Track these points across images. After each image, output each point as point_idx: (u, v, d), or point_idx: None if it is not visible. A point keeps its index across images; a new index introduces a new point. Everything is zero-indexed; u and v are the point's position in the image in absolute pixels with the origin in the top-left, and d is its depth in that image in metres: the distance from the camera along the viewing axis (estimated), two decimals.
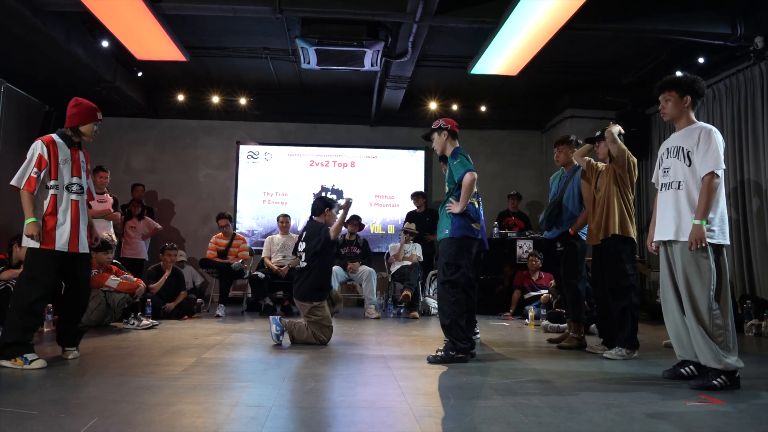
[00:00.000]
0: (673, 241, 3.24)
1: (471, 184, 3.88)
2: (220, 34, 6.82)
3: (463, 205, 3.90)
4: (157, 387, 2.93)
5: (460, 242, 3.92)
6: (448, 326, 3.87)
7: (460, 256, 3.91)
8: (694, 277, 3.13)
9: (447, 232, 3.95)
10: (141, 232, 7.58)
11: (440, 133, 4.17)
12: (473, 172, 3.92)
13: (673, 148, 3.32)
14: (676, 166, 3.27)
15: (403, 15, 5.56)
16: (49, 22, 5.77)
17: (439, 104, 8.84)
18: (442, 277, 3.94)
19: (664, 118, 3.43)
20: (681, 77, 3.40)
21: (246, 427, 2.28)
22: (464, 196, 3.89)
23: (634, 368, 3.70)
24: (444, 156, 4.77)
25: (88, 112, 3.94)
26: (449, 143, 4.16)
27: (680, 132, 3.34)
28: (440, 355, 3.81)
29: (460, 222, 3.93)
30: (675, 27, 5.92)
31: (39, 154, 3.67)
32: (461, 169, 3.94)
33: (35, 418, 2.32)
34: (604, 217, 4.14)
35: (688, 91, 3.30)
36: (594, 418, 2.46)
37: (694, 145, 3.19)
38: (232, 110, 8.91)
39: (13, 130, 8.01)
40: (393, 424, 2.38)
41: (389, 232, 8.94)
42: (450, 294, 3.89)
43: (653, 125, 8.11)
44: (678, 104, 3.32)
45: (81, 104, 3.93)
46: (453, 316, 3.86)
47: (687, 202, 3.19)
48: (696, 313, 3.11)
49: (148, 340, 4.64)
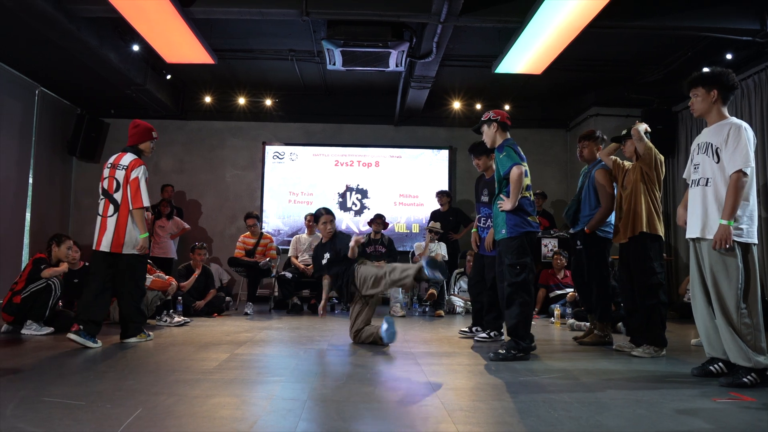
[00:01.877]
0: (700, 238, 3.23)
1: (519, 177, 3.84)
2: (247, 37, 6.95)
3: (514, 201, 3.86)
4: (194, 380, 3.03)
5: (520, 239, 3.89)
6: (514, 326, 3.84)
7: (523, 254, 3.89)
8: (721, 276, 3.12)
9: (504, 231, 3.93)
10: (170, 232, 7.75)
11: (489, 125, 4.14)
12: (521, 164, 3.88)
13: (703, 144, 3.30)
14: (705, 162, 3.25)
15: (428, 15, 5.60)
16: (83, 28, 5.93)
17: (463, 104, 8.87)
18: (509, 279, 3.89)
19: (694, 114, 3.42)
20: (707, 72, 3.36)
21: (284, 419, 2.36)
22: (514, 191, 3.86)
23: (663, 366, 3.70)
24: (478, 148, 4.79)
25: (145, 132, 4.55)
26: (499, 135, 4.12)
27: (711, 127, 3.32)
28: (502, 353, 3.79)
29: (516, 219, 3.90)
30: (701, 23, 5.87)
31: (146, 177, 4.37)
32: (507, 163, 3.91)
33: (84, 408, 2.43)
34: (632, 215, 4.13)
35: (714, 85, 3.27)
36: (623, 413, 2.49)
37: (723, 141, 3.16)
38: (258, 111, 9.05)
39: (47, 132, 8.25)
40: (426, 417, 2.44)
41: (414, 231, 8.99)
42: (518, 296, 3.85)
43: (680, 122, 8.04)
44: (705, 99, 3.30)
45: (139, 125, 4.55)
46: (520, 317, 3.84)
47: (714, 199, 3.17)
48: (724, 312, 3.10)
49: (181, 337, 4.77)
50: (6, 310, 4.83)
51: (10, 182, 7.42)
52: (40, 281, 4.81)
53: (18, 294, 4.79)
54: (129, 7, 5.46)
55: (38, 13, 5.42)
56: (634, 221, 4.11)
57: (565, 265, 7.05)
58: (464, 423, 2.33)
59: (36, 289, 4.78)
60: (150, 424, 2.24)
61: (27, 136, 7.80)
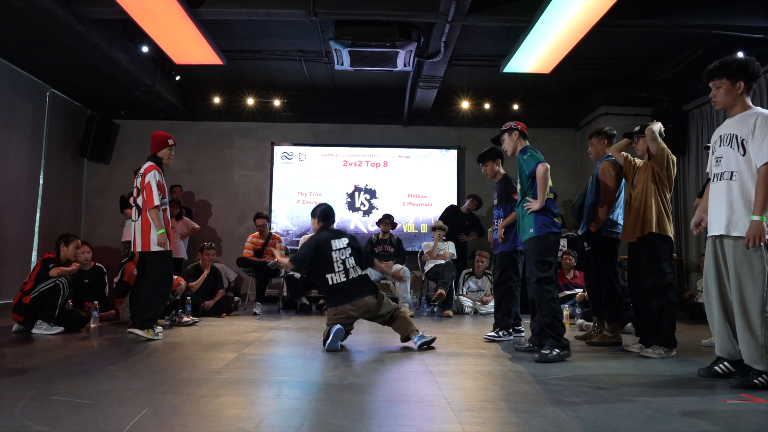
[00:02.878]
0: (724, 236, 3.09)
1: (545, 174, 3.89)
2: (255, 38, 6.98)
3: (542, 200, 3.91)
4: (201, 380, 3.04)
5: (547, 239, 3.94)
6: (550, 323, 3.85)
7: (549, 253, 3.94)
8: (746, 277, 2.98)
9: (531, 231, 3.96)
10: (179, 232, 7.77)
11: (511, 134, 4.25)
12: (545, 163, 3.94)
13: (726, 135, 3.12)
14: (729, 155, 3.07)
15: (436, 15, 5.59)
16: (93, 29, 5.98)
17: (471, 103, 8.86)
18: (537, 275, 3.91)
19: (717, 107, 3.23)
20: (731, 60, 3.12)
21: (290, 418, 2.37)
22: (541, 188, 3.91)
23: (673, 367, 3.66)
24: (483, 155, 4.98)
25: (162, 140, 4.83)
26: (519, 143, 4.23)
27: (734, 118, 3.12)
28: (547, 353, 3.77)
29: (543, 219, 3.95)
30: (712, 21, 5.83)
31: (159, 181, 4.60)
32: (532, 162, 3.97)
33: (91, 407, 2.44)
34: (641, 214, 4.09)
35: (740, 76, 3.07)
36: (632, 415, 2.47)
37: (750, 132, 2.98)
38: (266, 112, 9.08)
39: (58, 133, 8.32)
40: (432, 417, 2.43)
41: (422, 231, 8.98)
42: (546, 291, 3.89)
43: (690, 121, 7.97)
44: (730, 92, 3.10)
45: (157, 135, 4.87)
46: (553, 312, 3.86)
47: (740, 194, 3.01)
48: (745, 314, 2.98)
49: (190, 336, 4.79)
50: (16, 310, 4.86)
51: (21, 183, 7.48)
52: (48, 281, 4.85)
53: (27, 294, 4.82)
54: (138, 8, 5.50)
55: (49, 15, 5.47)
56: (644, 221, 4.07)
57: (575, 265, 7.00)
58: (470, 423, 2.31)
59: (44, 288, 4.81)
60: (156, 423, 2.25)
61: (38, 138, 7.86)
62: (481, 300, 7.23)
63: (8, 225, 7.27)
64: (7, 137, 7.21)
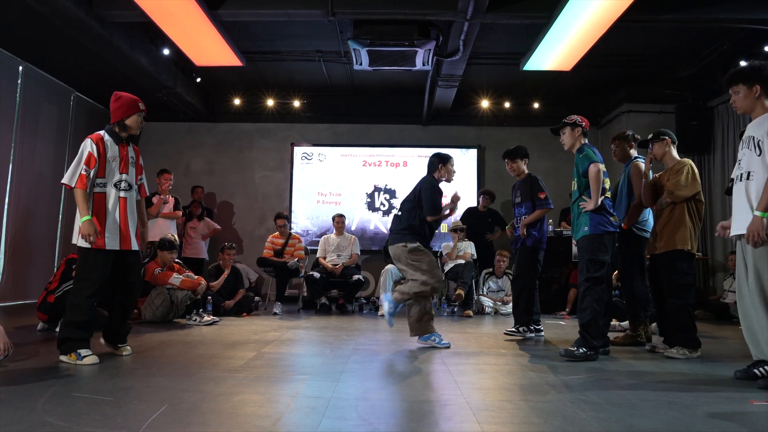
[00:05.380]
0: (743, 235, 3.09)
1: (597, 175, 3.87)
2: (274, 39, 7.02)
3: (596, 200, 3.88)
4: (220, 378, 3.05)
5: (601, 238, 3.90)
6: (588, 323, 3.82)
7: (603, 252, 3.89)
8: (765, 274, 2.98)
9: (586, 228, 3.94)
10: (201, 233, 7.85)
11: (574, 128, 4.20)
12: (598, 163, 3.91)
13: (747, 138, 3.18)
14: (747, 156, 3.13)
15: (454, 13, 5.57)
16: (115, 33, 6.06)
17: (491, 102, 8.80)
18: (586, 274, 3.89)
19: (737, 111, 3.31)
20: (746, 67, 3.25)
21: (306, 416, 2.36)
22: (594, 188, 3.88)
23: (697, 368, 3.59)
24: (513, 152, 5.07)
25: (129, 104, 3.78)
26: (579, 140, 4.19)
27: (754, 121, 3.19)
28: (573, 350, 3.77)
29: (599, 218, 3.91)
30: (737, 15, 5.70)
31: (89, 152, 3.55)
32: (586, 162, 3.95)
33: (111, 404, 2.46)
34: (669, 229, 4.05)
35: (756, 80, 3.14)
36: (654, 415, 2.42)
37: (765, 133, 3.04)
38: (286, 113, 9.12)
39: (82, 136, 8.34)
40: (450, 417, 2.41)
41: (442, 231, 8.93)
42: (593, 291, 3.86)
43: (716, 118, 7.80)
44: (748, 96, 3.18)
45: (122, 97, 3.80)
46: (594, 314, 3.82)
47: (756, 194, 3.03)
48: (766, 311, 2.96)
49: (210, 335, 4.81)
50: (41, 309, 4.94)
51: (46, 185, 7.60)
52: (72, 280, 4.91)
53: (52, 293, 4.89)
54: (159, 11, 5.56)
55: (72, 19, 5.56)
56: (670, 236, 4.03)
57: None
58: (489, 423, 2.29)
59: (68, 288, 4.88)
60: (175, 420, 2.26)
61: (63, 140, 7.99)
62: (501, 300, 7.17)
63: (34, 226, 7.40)
64: (33, 140, 7.34)
